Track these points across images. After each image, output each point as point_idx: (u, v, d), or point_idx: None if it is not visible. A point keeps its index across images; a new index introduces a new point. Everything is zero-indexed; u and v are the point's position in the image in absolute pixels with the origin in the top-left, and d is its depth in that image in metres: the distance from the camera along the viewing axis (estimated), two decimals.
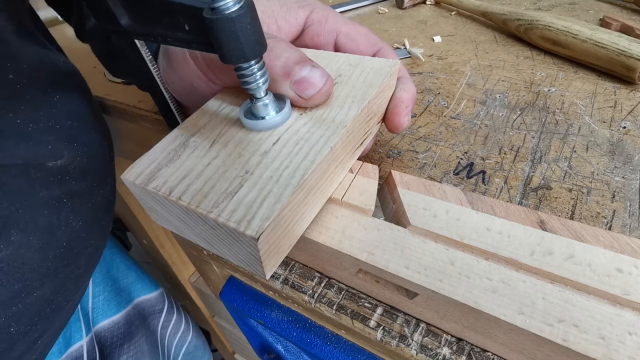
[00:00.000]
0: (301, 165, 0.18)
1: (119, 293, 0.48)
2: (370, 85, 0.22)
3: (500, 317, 0.17)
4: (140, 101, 0.41)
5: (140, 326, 0.49)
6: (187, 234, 0.20)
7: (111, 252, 0.50)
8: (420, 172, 0.27)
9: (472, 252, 0.19)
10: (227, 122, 0.22)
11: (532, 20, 0.39)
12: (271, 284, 0.26)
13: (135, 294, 0.50)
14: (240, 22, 0.16)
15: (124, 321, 0.47)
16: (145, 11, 0.19)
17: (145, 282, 0.53)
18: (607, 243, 0.19)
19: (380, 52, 0.26)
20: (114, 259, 0.50)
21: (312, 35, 0.26)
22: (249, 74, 0.19)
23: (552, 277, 0.18)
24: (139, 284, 0.52)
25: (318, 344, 0.28)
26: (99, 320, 0.44)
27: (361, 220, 0.21)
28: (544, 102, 0.32)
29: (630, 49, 0.32)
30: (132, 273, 0.51)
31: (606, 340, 0.16)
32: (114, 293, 0.47)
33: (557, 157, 0.27)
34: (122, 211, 0.78)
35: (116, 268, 0.50)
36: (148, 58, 0.23)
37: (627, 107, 0.31)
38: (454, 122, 0.31)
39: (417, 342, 0.21)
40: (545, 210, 0.24)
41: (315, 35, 0.26)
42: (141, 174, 0.19)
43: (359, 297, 0.24)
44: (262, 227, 0.16)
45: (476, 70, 0.38)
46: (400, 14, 0.54)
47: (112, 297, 0.47)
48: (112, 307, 0.46)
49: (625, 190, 0.24)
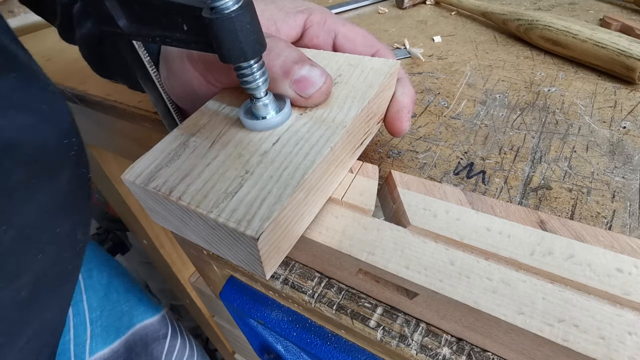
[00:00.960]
0: (301, 165, 0.18)
1: (119, 318, 0.45)
2: (370, 86, 0.22)
3: (500, 317, 0.17)
4: (140, 101, 0.41)
5: (142, 353, 0.46)
6: (187, 234, 0.20)
7: (109, 275, 0.48)
8: (420, 172, 0.27)
9: (472, 252, 0.19)
10: (227, 122, 0.22)
11: (532, 20, 0.39)
12: (271, 284, 0.26)
13: (136, 318, 0.47)
14: (239, 22, 0.16)
15: (124, 349, 0.44)
16: (143, 12, 0.19)
17: (147, 305, 0.50)
18: (607, 243, 0.19)
19: (378, 53, 0.26)
20: (113, 281, 0.48)
21: (310, 37, 0.26)
22: (248, 73, 0.19)
23: (552, 277, 0.18)
24: (141, 307, 0.49)
25: (318, 344, 0.28)
26: (97, 349, 0.41)
27: (361, 220, 0.21)
28: (544, 102, 0.32)
29: (630, 49, 0.32)
30: (133, 296, 0.49)
31: (606, 340, 0.16)
32: (113, 318, 0.45)
33: (557, 157, 0.27)
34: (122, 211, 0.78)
35: (115, 292, 0.47)
36: (146, 59, 0.23)
37: (627, 107, 0.31)
38: (454, 122, 0.31)
39: (417, 342, 0.21)
40: (545, 210, 0.23)
41: (314, 37, 0.26)
42: (141, 174, 0.19)
43: (359, 297, 0.24)
44: (262, 227, 0.16)
45: (476, 70, 0.38)
46: (400, 14, 0.54)
47: (110, 322, 0.44)
48: (111, 334, 0.43)
49: (625, 190, 0.24)
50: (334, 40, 0.27)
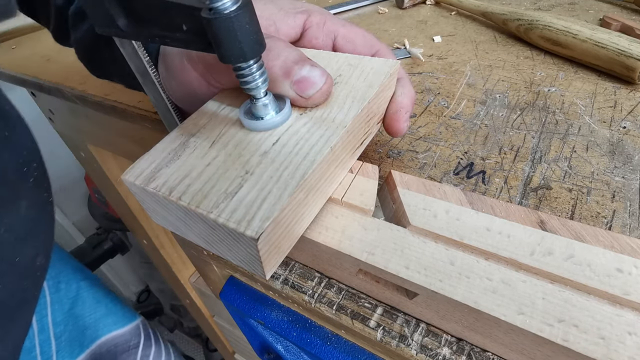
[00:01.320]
0: (301, 165, 0.18)
1: (82, 332, 0.44)
2: (370, 86, 0.22)
3: (500, 317, 0.17)
4: (140, 101, 0.41)
5: None
6: (187, 234, 0.20)
7: (77, 287, 0.47)
8: (420, 172, 0.27)
9: (472, 252, 0.19)
10: (227, 123, 0.22)
11: (532, 20, 0.39)
12: (271, 284, 0.26)
13: (103, 330, 0.46)
14: (239, 21, 0.16)
15: None
16: (143, 12, 0.19)
17: (118, 316, 0.49)
18: (607, 243, 0.19)
19: (378, 54, 0.26)
20: (80, 294, 0.47)
21: (310, 38, 0.26)
22: (247, 73, 0.19)
23: (552, 277, 0.18)
24: (109, 318, 0.48)
25: (318, 344, 0.28)
26: None
27: (361, 220, 0.21)
28: (544, 102, 0.32)
29: (630, 49, 0.32)
30: (102, 307, 0.48)
31: (606, 340, 0.16)
32: (76, 332, 0.44)
33: (557, 157, 0.27)
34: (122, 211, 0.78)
35: (82, 304, 0.46)
36: (145, 59, 0.23)
37: (627, 107, 0.31)
38: (454, 122, 0.31)
39: (417, 342, 0.21)
40: (545, 210, 0.23)
41: (313, 38, 0.26)
42: (141, 174, 0.19)
43: (359, 297, 0.24)
44: (262, 227, 0.16)
45: (476, 70, 0.38)
46: (400, 14, 0.54)
47: (74, 336, 0.43)
48: (76, 348, 0.43)
49: (625, 190, 0.24)
50: (333, 41, 0.27)
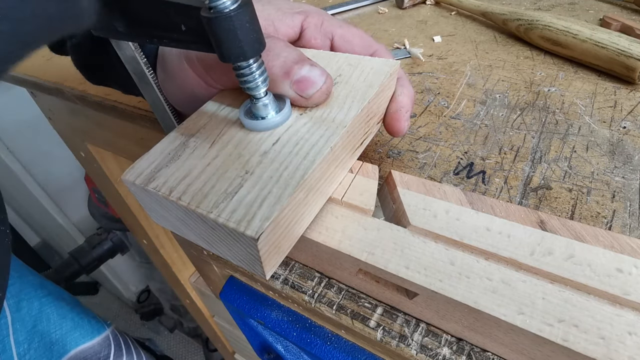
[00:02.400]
0: (301, 165, 0.18)
1: (49, 348, 0.44)
2: (370, 86, 0.22)
3: (500, 317, 0.17)
4: (140, 101, 0.41)
5: None
6: (187, 234, 0.20)
7: (40, 304, 0.46)
8: (420, 172, 0.27)
9: (472, 252, 0.19)
10: (226, 123, 0.22)
11: (532, 20, 0.39)
12: (271, 284, 0.26)
13: (70, 344, 0.46)
14: (239, 20, 0.16)
15: None
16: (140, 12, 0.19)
17: (85, 329, 0.49)
18: (607, 243, 0.19)
19: (376, 54, 0.26)
20: (44, 310, 0.46)
21: (308, 39, 0.26)
22: (248, 72, 0.19)
23: (552, 277, 0.18)
24: (77, 332, 0.47)
25: (318, 344, 0.28)
26: None
27: (361, 220, 0.21)
28: (544, 102, 0.32)
29: (630, 49, 0.32)
30: (68, 322, 0.47)
31: (606, 340, 0.16)
32: (42, 349, 0.43)
33: (557, 157, 0.27)
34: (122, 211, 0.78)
35: (46, 321, 0.45)
36: (143, 61, 0.23)
37: (627, 107, 0.31)
38: (454, 122, 0.31)
39: (417, 342, 0.21)
40: (545, 210, 0.23)
41: (311, 39, 0.26)
42: (141, 174, 0.19)
43: (359, 297, 0.24)
44: (262, 227, 0.16)
45: (476, 70, 0.38)
46: (400, 14, 0.54)
47: (40, 354, 0.42)
48: None
49: (625, 190, 0.24)
50: (331, 42, 0.27)
